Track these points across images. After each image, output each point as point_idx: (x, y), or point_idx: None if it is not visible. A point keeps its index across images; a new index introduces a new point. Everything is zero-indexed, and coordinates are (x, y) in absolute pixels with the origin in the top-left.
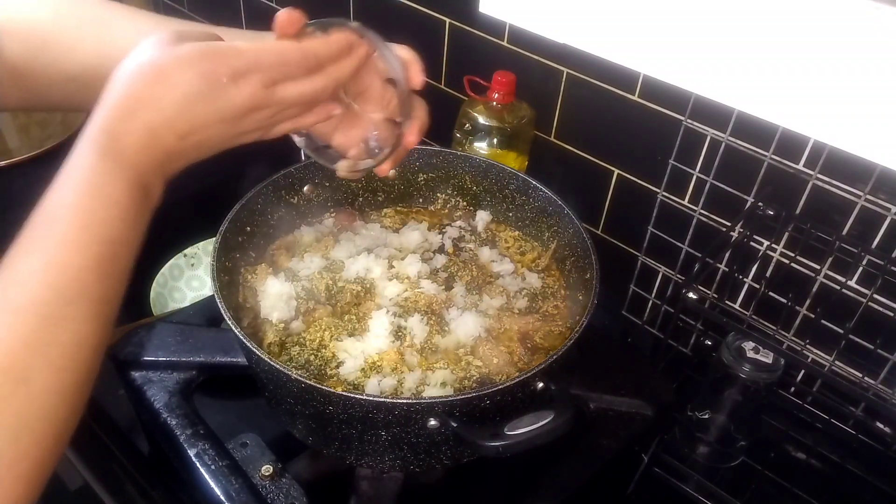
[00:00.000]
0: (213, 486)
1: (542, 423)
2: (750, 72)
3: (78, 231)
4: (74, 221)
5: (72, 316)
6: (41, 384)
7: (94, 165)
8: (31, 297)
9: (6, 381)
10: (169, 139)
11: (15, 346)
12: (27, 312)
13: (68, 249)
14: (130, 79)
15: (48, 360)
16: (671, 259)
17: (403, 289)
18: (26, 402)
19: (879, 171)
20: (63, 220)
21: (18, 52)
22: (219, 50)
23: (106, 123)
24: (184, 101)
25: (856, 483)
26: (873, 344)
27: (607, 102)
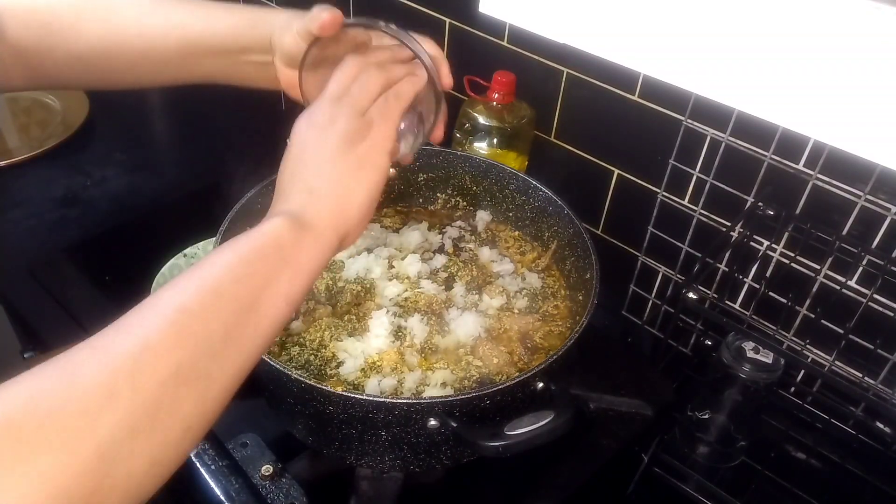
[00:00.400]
0: (213, 486)
1: (542, 423)
2: (750, 72)
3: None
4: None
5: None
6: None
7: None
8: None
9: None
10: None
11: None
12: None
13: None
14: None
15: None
16: (671, 259)
17: (403, 289)
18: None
19: (879, 171)
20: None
21: (22, 34)
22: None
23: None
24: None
25: (856, 483)
26: (873, 344)
27: (607, 102)
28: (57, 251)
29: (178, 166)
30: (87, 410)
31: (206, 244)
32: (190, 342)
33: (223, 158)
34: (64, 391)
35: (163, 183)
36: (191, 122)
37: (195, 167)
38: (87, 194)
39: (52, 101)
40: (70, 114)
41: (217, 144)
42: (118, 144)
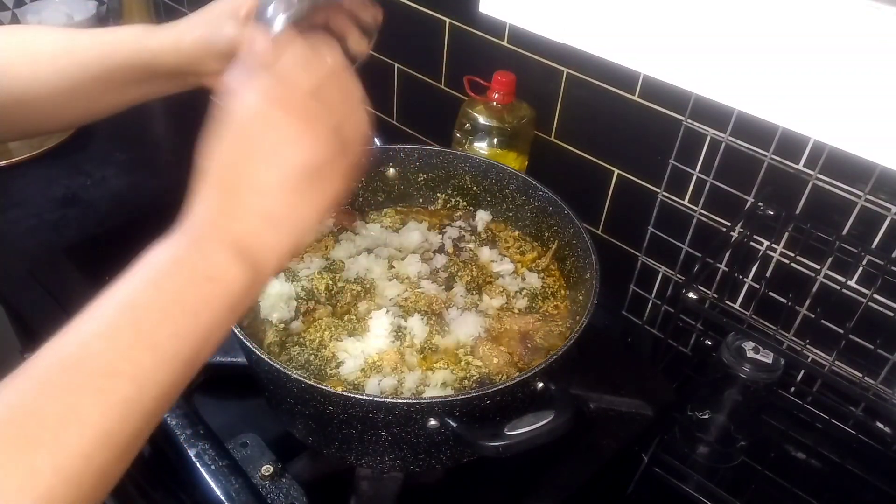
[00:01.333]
0: (213, 486)
1: (542, 423)
2: (750, 72)
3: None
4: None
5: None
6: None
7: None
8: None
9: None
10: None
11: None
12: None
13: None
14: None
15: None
16: (671, 259)
17: (403, 289)
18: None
19: (879, 171)
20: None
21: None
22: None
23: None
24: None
25: (856, 483)
26: (873, 344)
27: (607, 102)
28: (57, 251)
29: (178, 166)
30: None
31: None
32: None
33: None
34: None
35: (163, 183)
36: (191, 122)
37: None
38: (87, 194)
39: None
40: None
41: None
42: (118, 144)
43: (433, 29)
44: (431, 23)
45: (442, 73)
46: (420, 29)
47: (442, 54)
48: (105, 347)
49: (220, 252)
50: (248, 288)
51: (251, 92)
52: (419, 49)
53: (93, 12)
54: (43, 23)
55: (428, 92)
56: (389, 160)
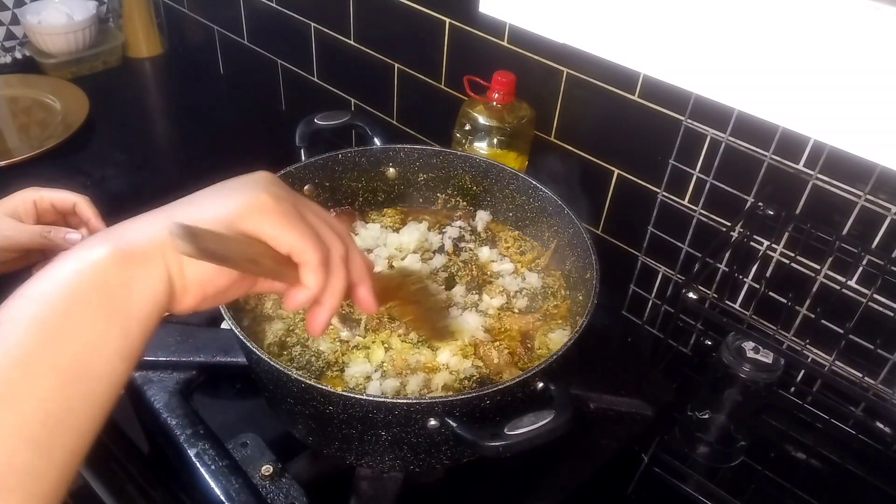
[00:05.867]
0: (213, 486)
1: (542, 423)
2: (750, 72)
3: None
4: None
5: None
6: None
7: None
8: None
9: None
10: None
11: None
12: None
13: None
14: None
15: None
16: (671, 259)
17: None
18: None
19: (879, 171)
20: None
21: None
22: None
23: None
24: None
25: (856, 483)
26: (873, 344)
27: (607, 102)
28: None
29: (178, 166)
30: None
31: None
32: (10, 437)
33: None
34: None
35: (163, 183)
36: (191, 122)
37: (195, 167)
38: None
39: (52, 101)
40: (70, 114)
41: (217, 144)
42: (118, 144)
43: (433, 29)
44: (431, 23)
45: (442, 73)
46: (420, 29)
47: (442, 54)
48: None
49: (87, 249)
50: (129, 278)
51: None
52: (419, 49)
53: (93, 12)
54: (43, 23)
55: (428, 92)
56: (389, 160)
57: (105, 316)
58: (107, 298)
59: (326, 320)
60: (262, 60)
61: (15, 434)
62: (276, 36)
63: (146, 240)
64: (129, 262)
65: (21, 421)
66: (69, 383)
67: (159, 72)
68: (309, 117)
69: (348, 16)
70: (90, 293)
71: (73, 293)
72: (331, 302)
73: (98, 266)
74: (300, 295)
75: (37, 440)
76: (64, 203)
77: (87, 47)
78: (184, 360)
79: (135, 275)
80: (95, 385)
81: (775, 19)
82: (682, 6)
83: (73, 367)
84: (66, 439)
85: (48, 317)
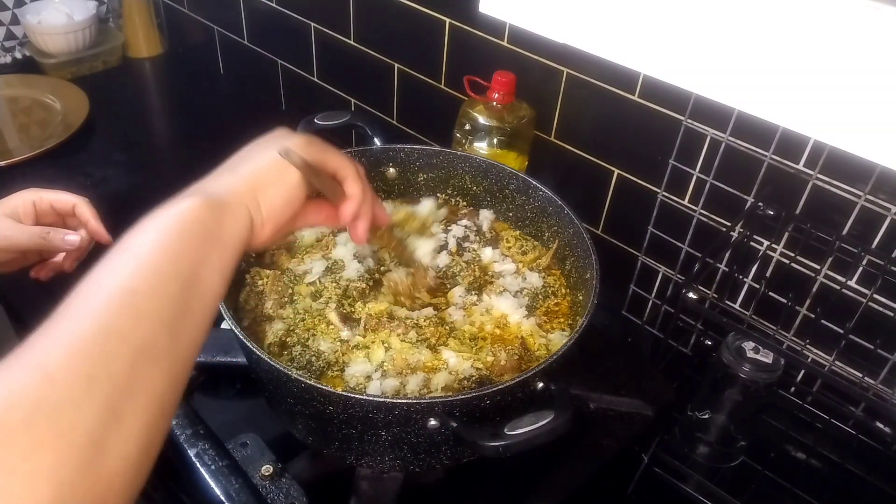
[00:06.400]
0: (213, 486)
1: (542, 423)
2: (750, 72)
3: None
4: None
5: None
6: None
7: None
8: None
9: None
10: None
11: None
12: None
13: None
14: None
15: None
16: (671, 259)
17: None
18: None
19: (879, 171)
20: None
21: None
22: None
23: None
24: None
25: (856, 483)
26: (873, 344)
27: (607, 102)
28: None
29: (178, 166)
30: (68, 402)
31: None
32: (146, 322)
33: (223, 158)
34: (40, 388)
35: (163, 183)
36: (191, 122)
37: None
38: (86, 194)
39: (52, 101)
40: (70, 114)
41: (217, 144)
42: (118, 144)
43: (433, 29)
44: (431, 23)
45: (442, 73)
46: (420, 29)
47: (442, 54)
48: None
49: (185, 200)
50: (219, 218)
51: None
52: (419, 49)
53: (93, 12)
54: (43, 23)
55: (428, 92)
56: (389, 160)
57: (206, 243)
58: (205, 231)
59: (367, 228)
60: (262, 60)
61: (156, 321)
62: (276, 36)
63: (225, 190)
64: (216, 206)
65: (159, 312)
66: (188, 287)
67: (159, 72)
68: (309, 117)
69: (348, 16)
70: (192, 227)
71: (179, 228)
72: (368, 211)
73: (194, 210)
74: (349, 206)
75: (170, 328)
76: (63, 204)
77: (87, 47)
78: None
79: (223, 214)
80: (205, 291)
81: (775, 19)
82: (681, 6)
83: (190, 276)
84: (188, 333)
85: (165, 242)
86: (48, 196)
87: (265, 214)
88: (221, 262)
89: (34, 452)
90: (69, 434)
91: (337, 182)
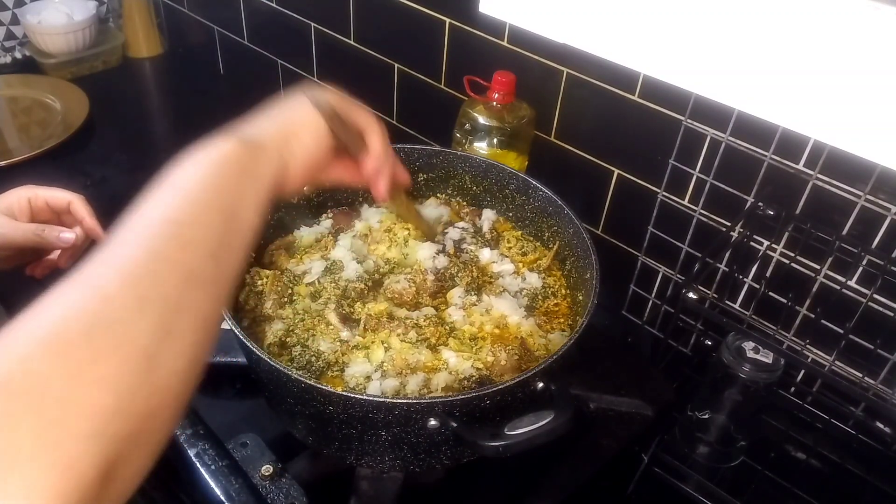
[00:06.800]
0: (213, 486)
1: (542, 423)
2: (750, 72)
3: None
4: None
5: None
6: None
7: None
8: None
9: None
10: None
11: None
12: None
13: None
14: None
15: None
16: (671, 259)
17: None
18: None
19: (879, 171)
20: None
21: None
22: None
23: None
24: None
25: (856, 483)
26: (873, 344)
27: (607, 102)
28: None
29: None
30: (124, 319)
31: None
32: (192, 249)
33: None
34: (98, 305)
35: None
36: (191, 122)
37: None
38: (86, 194)
39: (52, 101)
40: (70, 114)
41: None
42: (118, 144)
43: (433, 29)
44: (431, 23)
45: (442, 73)
46: (420, 29)
47: (442, 54)
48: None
49: (221, 142)
50: (253, 156)
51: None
52: (419, 49)
53: (93, 12)
54: (43, 23)
55: (428, 92)
56: None
57: (243, 180)
58: (242, 170)
59: (388, 185)
60: (262, 60)
61: (201, 248)
62: (276, 36)
63: (259, 134)
64: (251, 147)
65: (203, 241)
66: (228, 221)
67: (159, 72)
68: None
69: (348, 16)
70: (230, 166)
71: (218, 166)
72: (389, 169)
73: (230, 151)
74: (371, 160)
75: (213, 256)
76: (58, 202)
77: (87, 47)
78: None
79: (258, 154)
80: (242, 226)
81: (775, 19)
82: (681, 6)
83: (230, 211)
84: (228, 262)
85: (206, 177)
86: (43, 193)
87: (297, 159)
88: (257, 199)
89: (95, 363)
90: (127, 347)
91: (361, 137)
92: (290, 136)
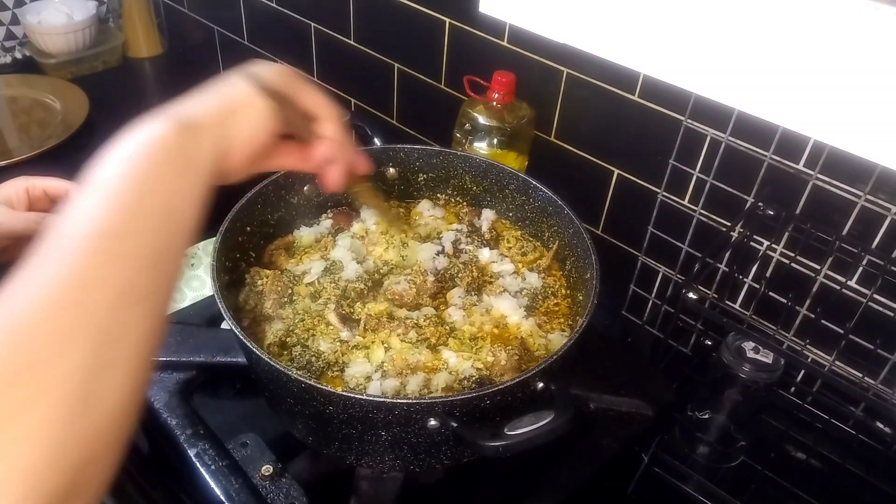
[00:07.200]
0: (213, 486)
1: (542, 423)
2: (750, 72)
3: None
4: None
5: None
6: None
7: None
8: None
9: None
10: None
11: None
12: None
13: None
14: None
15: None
16: (671, 259)
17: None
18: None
19: (879, 171)
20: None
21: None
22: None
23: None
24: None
25: (856, 483)
26: (873, 344)
27: (607, 102)
28: None
29: None
30: (49, 358)
31: (205, 244)
32: (123, 263)
33: None
34: (15, 346)
35: None
36: None
37: None
38: None
39: (52, 101)
40: (70, 114)
41: None
42: None
43: (433, 29)
44: (431, 23)
45: (442, 73)
46: (420, 29)
47: (442, 54)
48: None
49: (149, 125)
50: (189, 141)
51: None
52: (419, 49)
53: (93, 12)
54: (43, 23)
55: (428, 92)
56: (389, 160)
57: (178, 171)
58: (176, 158)
59: (342, 174)
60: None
61: (132, 261)
62: (276, 36)
63: (195, 114)
64: (186, 130)
65: (134, 252)
66: (164, 223)
67: (159, 72)
68: None
69: (348, 16)
70: (162, 154)
71: (148, 156)
72: (343, 157)
73: (162, 137)
74: (320, 148)
75: (148, 267)
76: (56, 190)
77: (87, 47)
78: (184, 360)
79: (192, 139)
80: (181, 226)
81: (775, 19)
82: (681, 6)
83: (166, 211)
84: (166, 269)
85: (137, 175)
86: (41, 182)
87: (237, 143)
88: (195, 192)
89: (19, 415)
90: (55, 391)
91: (311, 121)
92: (228, 118)
